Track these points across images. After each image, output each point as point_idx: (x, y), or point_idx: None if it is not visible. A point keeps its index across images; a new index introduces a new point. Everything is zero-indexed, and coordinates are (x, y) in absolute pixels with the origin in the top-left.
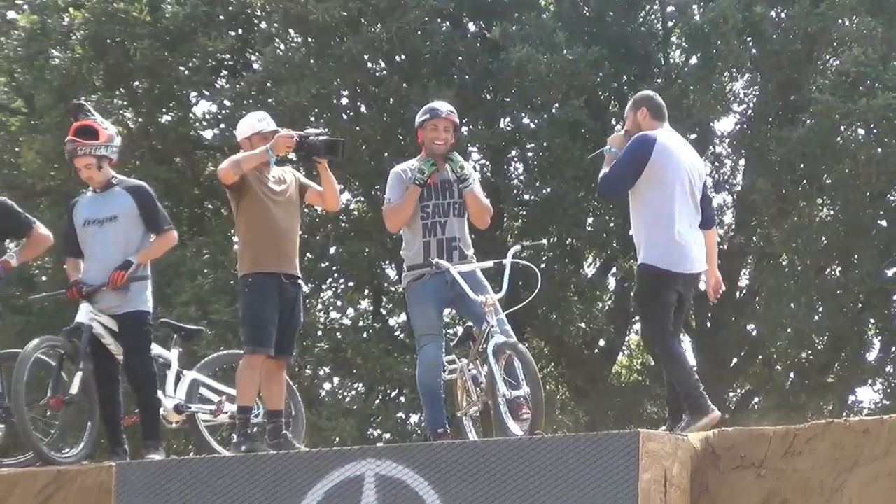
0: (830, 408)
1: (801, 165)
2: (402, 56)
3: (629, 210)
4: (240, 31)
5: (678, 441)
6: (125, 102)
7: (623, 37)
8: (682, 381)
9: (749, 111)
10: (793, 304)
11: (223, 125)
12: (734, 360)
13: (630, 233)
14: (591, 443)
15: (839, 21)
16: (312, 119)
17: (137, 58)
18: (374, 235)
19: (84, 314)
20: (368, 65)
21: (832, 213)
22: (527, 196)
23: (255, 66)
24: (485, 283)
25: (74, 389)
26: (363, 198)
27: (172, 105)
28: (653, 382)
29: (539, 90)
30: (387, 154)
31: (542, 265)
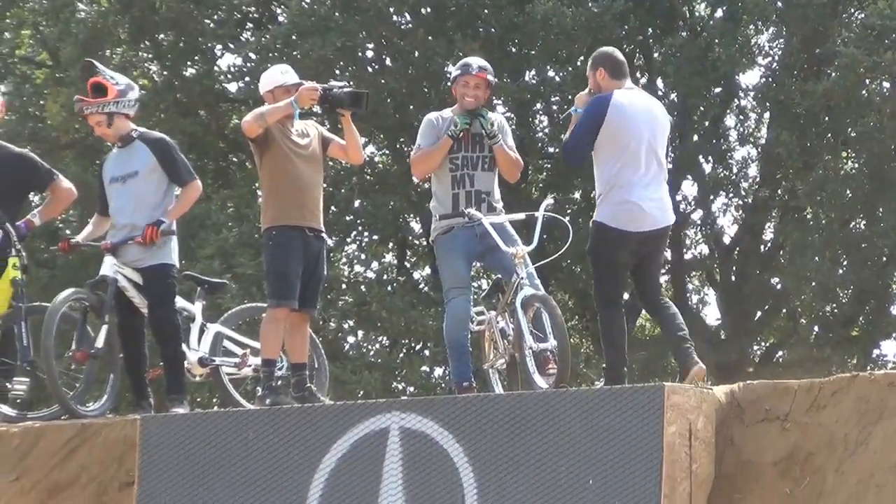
0: (855, 361)
1: (826, 119)
2: (428, 9)
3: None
4: None
5: (703, 394)
6: (150, 55)
7: None
8: (608, 352)
9: (774, 64)
10: (817, 258)
11: (248, 78)
12: (759, 314)
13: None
14: (617, 396)
15: None
16: (337, 72)
17: (163, 11)
18: (399, 189)
19: (108, 267)
20: (394, 17)
21: (857, 167)
22: (551, 149)
23: (281, 19)
24: (515, 236)
25: (100, 343)
26: (388, 151)
27: (197, 58)
28: None
29: (564, 43)
30: (412, 107)
31: (567, 218)
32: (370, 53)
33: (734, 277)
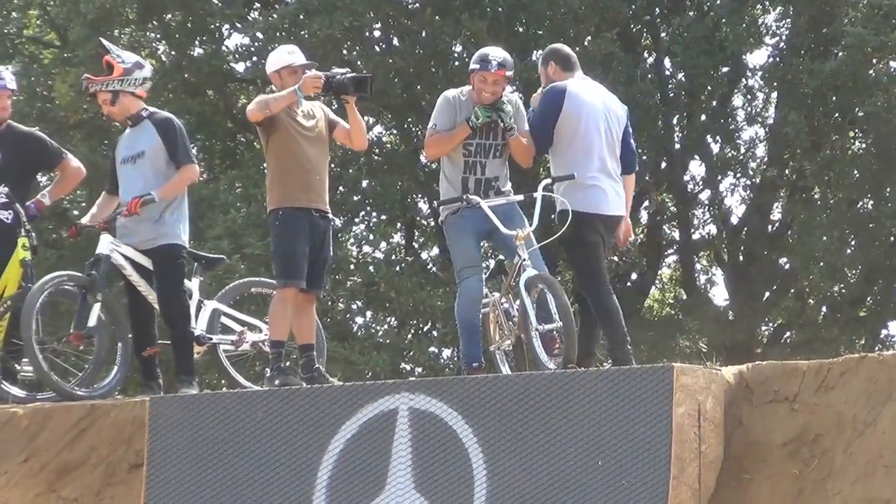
0: (863, 342)
1: (834, 98)
2: None
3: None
4: None
5: (712, 375)
6: (158, 35)
7: None
8: (607, 331)
9: (781, 44)
10: (825, 238)
11: (255, 58)
12: (767, 294)
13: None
14: (625, 377)
15: None
16: (345, 52)
17: None
18: (407, 169)
19: (104, 245)
20: None
21: (864, 147)
22: None
23: None
24: (519, 217)
25: (92, 322)
26: (395, 131)
27: (205, 38)
28: (685, 316)
29: (571, 23)
30: (419, 87)
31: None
32: (377, 33)
33: (742, 258)
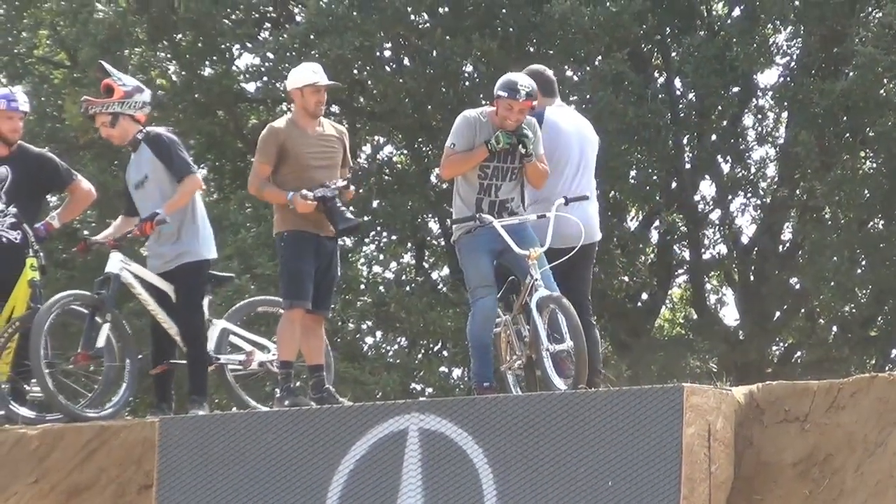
0: (873, 362)
1: (844, 118)
2: (446, 8)
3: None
4: None
5: (722, 395)
6: (168, 55)
7: None
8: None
9: (792, 63)
10: (836, 258)
11: (266, 78)
12: (777, 314)
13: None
14: (635, 397)
15: None
16: (355, 72)
17: (181, 10)
18: (417, 189)
19: (113, 263)
20: (412, 17)
21: (875, 166)
22: None
23: (299, 19)
24: (533, 236)
25: (101, 342)
26: (406, 150)
27: (215, 58)
28: (696, 336)
29: (582, 42)
30: (430, 107)
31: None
32: (388, 53)
33: (752, 277)
